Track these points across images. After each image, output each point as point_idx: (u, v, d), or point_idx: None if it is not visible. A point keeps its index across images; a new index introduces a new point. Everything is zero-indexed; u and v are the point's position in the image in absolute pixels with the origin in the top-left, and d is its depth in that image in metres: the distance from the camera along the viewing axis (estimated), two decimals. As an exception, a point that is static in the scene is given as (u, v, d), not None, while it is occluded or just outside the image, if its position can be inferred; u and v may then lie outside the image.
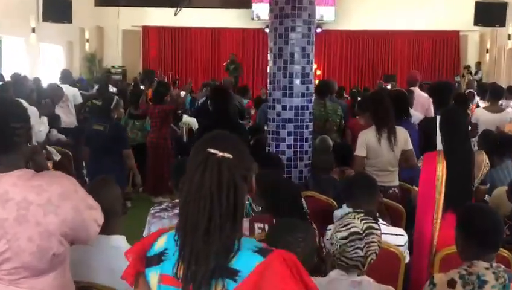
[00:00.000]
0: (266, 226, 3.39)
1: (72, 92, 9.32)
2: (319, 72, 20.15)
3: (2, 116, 2.03)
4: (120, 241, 2.64)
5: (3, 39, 15.38)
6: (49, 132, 7.22)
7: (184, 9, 10.75)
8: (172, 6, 9.36)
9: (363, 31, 20.70)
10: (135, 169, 6.70)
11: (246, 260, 1.53)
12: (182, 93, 12.11)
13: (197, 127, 10.35)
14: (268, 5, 5.54)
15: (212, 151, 1.55)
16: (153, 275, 1.64)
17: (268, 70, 5.56)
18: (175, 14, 9.33)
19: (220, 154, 1.55)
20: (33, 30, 15.53)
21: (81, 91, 10.23)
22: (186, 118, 10.97)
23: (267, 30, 18.88)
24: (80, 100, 9.41)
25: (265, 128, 5.96)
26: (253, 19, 20.45)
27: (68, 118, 8.86)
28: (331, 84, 7.86)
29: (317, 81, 7.79)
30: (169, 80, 18.39)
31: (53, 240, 2.00)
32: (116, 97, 6.69)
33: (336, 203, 4.48)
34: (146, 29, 21.22)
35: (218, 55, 20.80)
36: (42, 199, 1.98)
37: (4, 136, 2.03)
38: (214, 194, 1.52)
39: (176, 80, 18.29)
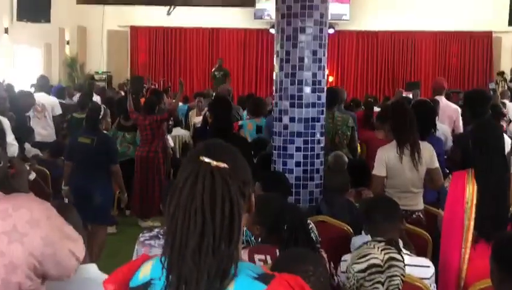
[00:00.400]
0: (268, 258, 3.37)
1: (50, 102, 9.35)
2: (331, 79, 20.22)
3: None
4: (92, 271, 2.61)
5: (-28, 40, 15.47)
6: (24, 146, 7.24)
7: (178, 8, 10.80)
8: (165, 5, 9.40)
9: (381, 32, 20.78)
10: (123, 188, 6.76)
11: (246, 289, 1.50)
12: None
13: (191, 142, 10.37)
14: (273, 2, 5.57)
15: (206, 159, 1.54)
16: None
17: (274, 77, 5.57)
18: (168, 13, 9.38)
19: (215, 163, 1.53)
20: (6, 30, 15.59)
21: (60, 100, 10.27)
22: (179, 131, 10.99)
23: (272, 31, 18.98)
24: (59, 111, 9.43)
25: (271, 142, 5.95)
26: (259, 17, 20.51)
27: (45, 130, 8.88)
28: (340, 92, 7.88)
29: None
30: (161, 88, 18.46)
31: (19, 273, 1.96)
32: (103, 106, 6.74)
33: (352, 230, 4.47)
34: (134, 29, 21.35)
35: (217, 59, 20.82)
36: (7, 225, 1.95)
37: None
38: (206, 208, 1.50)
39: (168, 88, 18.36)
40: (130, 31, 21.38)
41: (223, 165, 1.54)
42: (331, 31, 18.48)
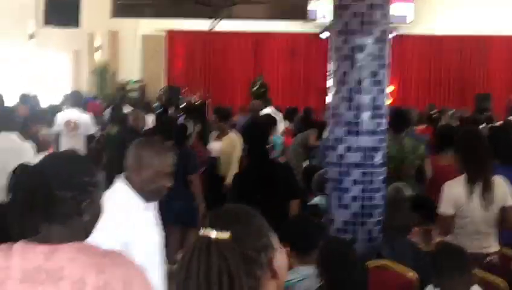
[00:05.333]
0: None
1: (84, 120, 9.45)
2: (390, 88, 19.97)
3: (44, 180, 2.11)
4: None
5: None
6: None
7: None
8: (209, 17, 9.42)
9: (451, 36, 20.44)
10: (200, 198, 7.26)
11: None
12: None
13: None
14: (325, 1, 5.58)
15: (205, 232, 1.60)
16: None
17: (328, 100, 5.58)
18: (211, 28, 9.41)
19: (214, 235, 1.58)
20: (31, 36, 15.93)
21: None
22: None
23: (323, 36, 18.91)
24: (92, 130, 9.53)
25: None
26: (309, 20, 20.32)
27: None
28: (410, 114, 7.71)
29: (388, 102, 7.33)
30: (198, 100, 18.50)
31: None
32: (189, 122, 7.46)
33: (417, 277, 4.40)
34: (171, 34, 21.49)
35: (262, 67, 20.76)
36: (99, 280, 2.03)
37: (45, 206, 2.11)
38: (202, 287, 1.55)
39: (207, 99, 18.42)
40: (167, 36, 21.50)
41: (223, 235, 1.58)
42: (391, 34, 18.29)
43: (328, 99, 5.56)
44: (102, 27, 19.30)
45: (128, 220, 3.07)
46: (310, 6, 19.52)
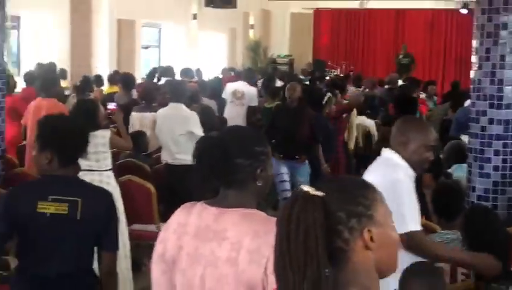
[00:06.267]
0: (472, 274, 3.42)
1: (250, 92, 9.71)
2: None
3: (224, 150, 2.24)
4: None
5: (162, 26, 16.55)
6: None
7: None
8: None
9: None
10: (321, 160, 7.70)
11: None
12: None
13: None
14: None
15: (306, 188, 1.61)
16: None
17: (471, 76, 5.49)
18: (361, 7, 9.42)
19: (309, 191, 1.59)
20: (194, 17, 16.50)
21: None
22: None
23: (463, 11, 18.28)
24: (255, 103, 9.70)
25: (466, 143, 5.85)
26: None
27: (238, 118, 9.08)
28: None
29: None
30: (342, 72, 18.49)
31: None
32: (329, 94, 7.66)
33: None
34: (318, 12, 21.54)
35: (402, 42, 20.34)
36: (253, 244, 2.14)
37: (225, 172, 2.24)
38: (282, 232, 1.57)
39: (350, 72, 18.34)
40: (314, 13, 21.57)
41: (315, 192, 1.59)
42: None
43: (472, 74, 5.47)
44: (256, 6, 19.67)
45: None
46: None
